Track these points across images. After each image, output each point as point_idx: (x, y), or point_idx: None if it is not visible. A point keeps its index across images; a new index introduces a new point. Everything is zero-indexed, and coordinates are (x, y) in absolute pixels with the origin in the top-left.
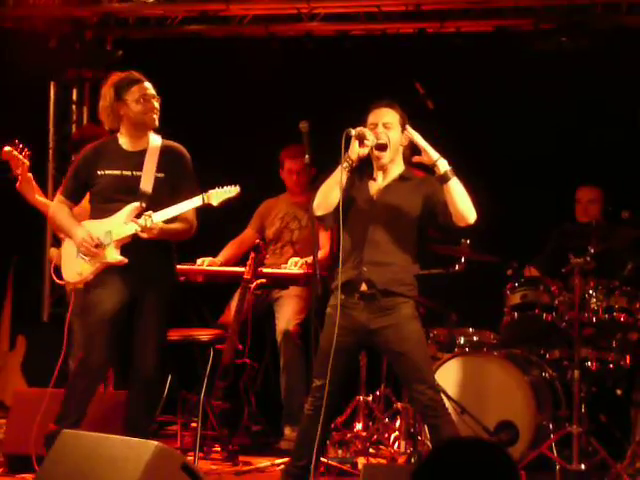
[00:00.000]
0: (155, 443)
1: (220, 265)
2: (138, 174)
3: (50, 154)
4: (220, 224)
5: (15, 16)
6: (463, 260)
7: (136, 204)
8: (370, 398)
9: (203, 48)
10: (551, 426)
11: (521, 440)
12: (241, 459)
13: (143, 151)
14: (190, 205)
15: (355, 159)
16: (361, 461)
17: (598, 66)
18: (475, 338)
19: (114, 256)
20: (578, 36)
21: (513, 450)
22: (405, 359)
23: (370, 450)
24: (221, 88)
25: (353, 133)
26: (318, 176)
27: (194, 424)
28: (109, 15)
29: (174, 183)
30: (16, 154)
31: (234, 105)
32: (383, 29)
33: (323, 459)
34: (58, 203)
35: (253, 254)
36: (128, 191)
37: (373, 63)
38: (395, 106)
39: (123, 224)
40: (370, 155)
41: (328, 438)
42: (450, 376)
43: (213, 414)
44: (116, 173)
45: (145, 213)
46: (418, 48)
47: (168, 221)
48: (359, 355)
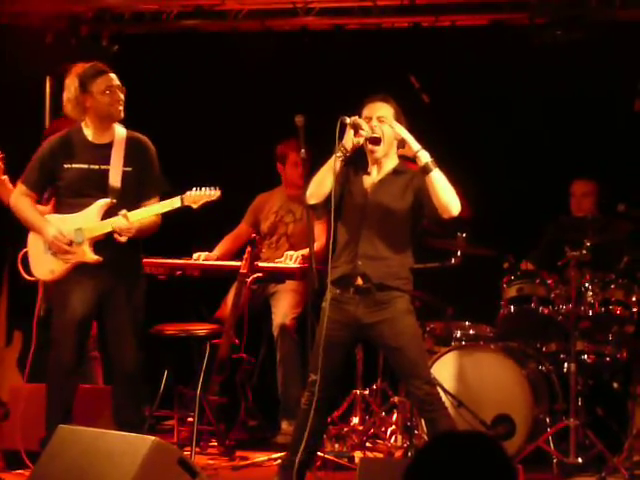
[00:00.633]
0: (152, 438)
1: (216, 260)
2: (105, 168)
3: None
4: (216, 219)
5: (11, 12)
6: (459, 254)
7: (106, 200)
8: (367, 392)
9: (199, 43)
10: (548, 419)
11: (518, 433)
12: (238, 454)
13: (109, 144)
14: (168, 207)
15: (349, 148)
16: (358, 455)
17: (593, 59)
18: (471, 332)
19: (90, 255)
20: (573, 29)
21: (510, 444)
22: (400, 354)
23: (367, 444)
24: (217, 83)
25: (348, 121)
26: (313, 170)
27: (190, 419)
28: (104, 10)
29: (141, 177)
30: None
31: (230, 99)
32: (378, 23)
33: (320, 453)
34: (21, 195)
35: (249, 248)
36: (96, 186)
37: (368, 57)
38: (390, 100)
39: (94, 221)
40: (364, 148)
41: (325, 432)
42: (447, 370)
43: (210, 409)
44: (83, 167)
45: (120, 213)
46: (413, 42)
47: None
48: (355, 349)
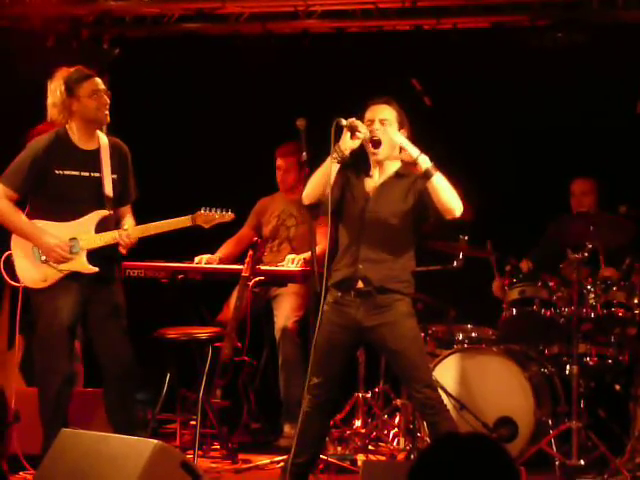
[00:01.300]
0: (155, 441)
1: (218, 263)
2: (95, 175)
3: None
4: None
5: (12, 15)
6: (461, 256)
7: (104, 212)
8: (369, 395)
9: (200, 46)
10: (550, 422)
11: (520, 436)
12: (240, 457)
13: (96, 150)
14: (176, 225)
15: (346, 151)
16: (360, 458)
17: (594, 61)
18: (474, 334)
19: (87, 266)
20: (574, 31)
21: (512, 446)
22: (401, 357)
23: (369, 447)
24: (218, 86)
25: (344, 123)
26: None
27: (193, 422)
28: (106, 13)
29: (123, 183)
30: None
31: (231, 103)
32: (380, 26)
33: (322, 456)
34: (6, 200)
35: (251, 252)
36: (88, 193)
37: (370, 60)
38: (393, 103)
39: (90, 232)
40: (366, 150)
41: (327, 435)
42: (449, 372)
43: (212, 412)
44: (74, 174)
45: (123, 228)
46: (415, 45)
47: (123, 223)
48: (357, 352)
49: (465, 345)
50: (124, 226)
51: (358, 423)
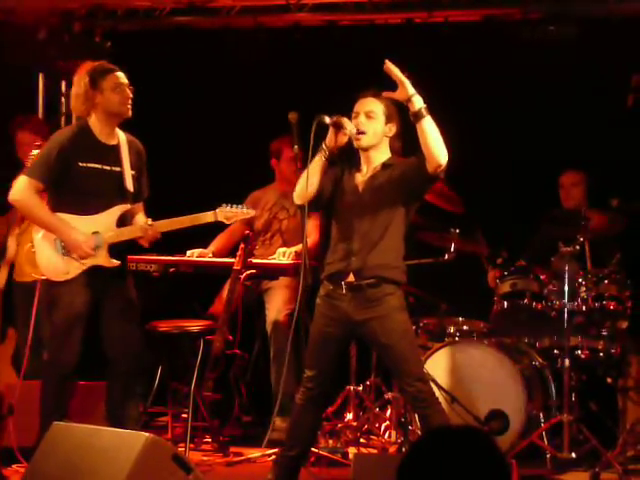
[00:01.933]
0: (146, 434)
1: (210, 256)
2: (116, 170)
3: None
4: None
5: (3, 7)
6: (452, 249)
7: (126, 205)
8: (360, 388)
9: (191, 39)
10: (541, 415)
11: (511, 429)
12: (232, 450)
13: (117, 146)
14: (198, 221)
15: (332, 148)
16: (352, 451)
17: (585, 54)
18: (465, 327)
19: (110, 260)
20: (566, 24)
21: (504, 439)
22: (392, 351)
23: (361, 440)
24: (210, 79)
25: (328, 121)
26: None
27: (185, 415)
28: (97, 7)
29: (139, 180)
30: None
31: (223, 96)
32: (371, 19)
33: (314, 449)
34: (30, 191)
35: (243, 245)
36: (110, 187)
37: (361, 53)
38: (381, 96)
39: (113, 226)
40: (354, 145)
41: (319, 428)
42: (440, 365)
43: (204, 405)
44: (97, 167)
45: (149, 223)
46: (406, 38)
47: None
48: (349, 345)
49: (456, 338)
50: (139, 222)
51: (350, 416)
